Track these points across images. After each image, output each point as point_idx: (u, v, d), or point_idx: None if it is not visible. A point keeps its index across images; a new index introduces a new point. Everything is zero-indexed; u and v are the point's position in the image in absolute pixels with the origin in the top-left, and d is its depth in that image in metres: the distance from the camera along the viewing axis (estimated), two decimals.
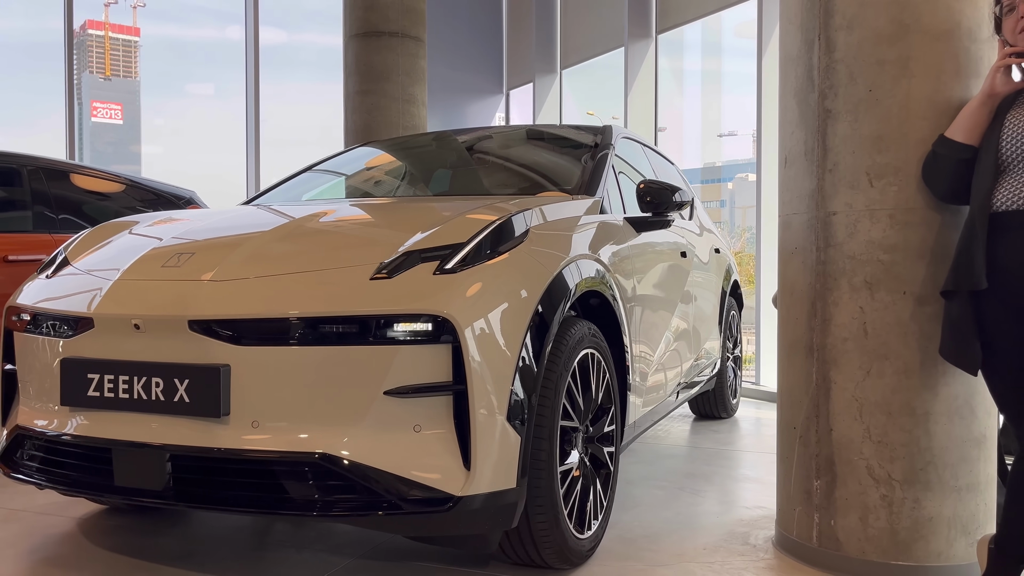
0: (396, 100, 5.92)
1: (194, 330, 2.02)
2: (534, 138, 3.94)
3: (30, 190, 4.50)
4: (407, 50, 5.95)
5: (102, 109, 51.74)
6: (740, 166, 10.26)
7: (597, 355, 2.51)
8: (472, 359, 1.97)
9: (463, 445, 1.98)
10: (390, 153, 4.10)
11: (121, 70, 61.01)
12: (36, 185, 4.55)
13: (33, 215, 4.47)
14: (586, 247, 2.59)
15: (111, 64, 59.79)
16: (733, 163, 10.20)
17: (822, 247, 2.38)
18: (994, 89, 2.06)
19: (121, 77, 60.49)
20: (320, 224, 2.50)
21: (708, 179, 10.37)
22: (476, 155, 3.78)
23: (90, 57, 58.48)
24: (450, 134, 4.04)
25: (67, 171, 4.92)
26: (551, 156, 3.71)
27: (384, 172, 3.98)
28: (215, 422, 1.99)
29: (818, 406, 2.39)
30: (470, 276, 2.08)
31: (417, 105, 6.02)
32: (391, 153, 4.10)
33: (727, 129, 9.87)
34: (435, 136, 4.05)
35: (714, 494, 3.26)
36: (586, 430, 2.48)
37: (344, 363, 1.96)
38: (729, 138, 9.70)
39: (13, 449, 2.35)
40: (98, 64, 58.75)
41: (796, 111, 2.46)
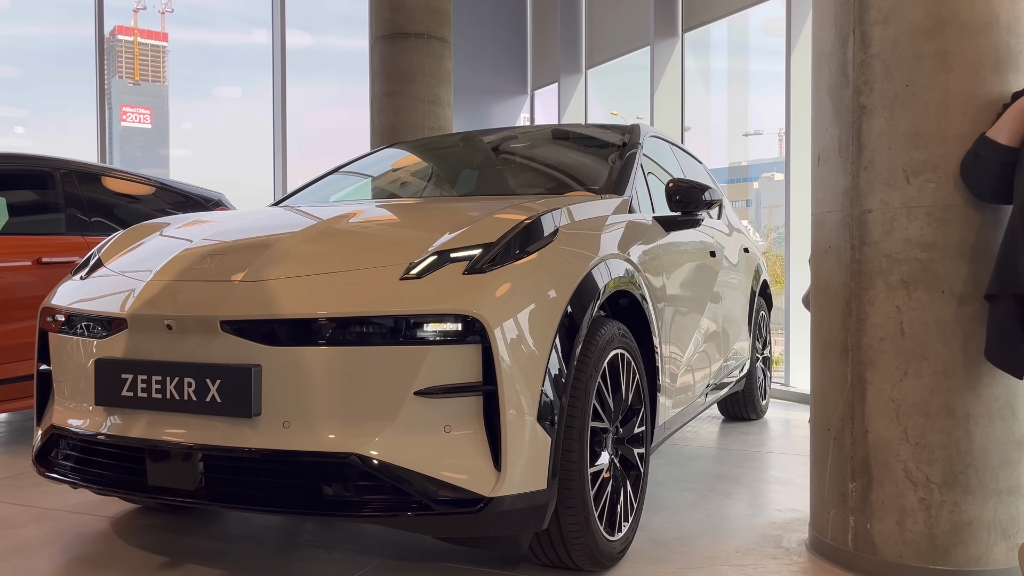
0: (422, 101, 5.92)
1: (226, 330, 2.03)
2: (561, 138, 3.93)
3: (63, 193, 4.56)
4: (432, 51, 5.96)
5: (131, 113, 52.38)
6: (766, 165, 10.16)
7: (627, 355, 2.49)
8: (502, 359, 1.96)
9: (493, 446, 1.97)
10: (416, 154, 4.10)
11: (150, 75, 61.88)
12: (69, 188, 4.61)
13: (66, 217, 4.53)
14: (615, 247, 2.57)
15: (140, 69, 60.64)
16: (759, 162, 10.10)
17: (857, 245, 2.34)
18: None
19: (150, 82, 61.33)
20: (349, 225, 2.50)
21: (734, 179, 10.28)
22: (502, 155, 3.77)
23: (119, 62, 59.34)
24: (476, 134, 4.04)
25: (99, 174, 4.99)
26: (578, 156, 3.69)
27: (410, 173, 3.98)
28: (247, 422, 1.99)
29: (853, 407, 2.35)
30: (500, 276, 2.07)
31: (443, 106, 6.02)
32: (417, 154, 4.10)
33: (753, 128, 9.79)
34: (461, 136, 4.04)
35: (745, 496, 3.22)
36: (616, 431, 2.45)
37: (374, 363, 1.96)
38: (755, 137, 9.61)
39: (48, 449, 2.38)
40: (127, 69, 59.59)
41: (830, 107, 2.42)
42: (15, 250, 4.13)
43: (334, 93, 9.25)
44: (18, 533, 2.72)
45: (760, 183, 10.27)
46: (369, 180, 3.90)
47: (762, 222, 10.33)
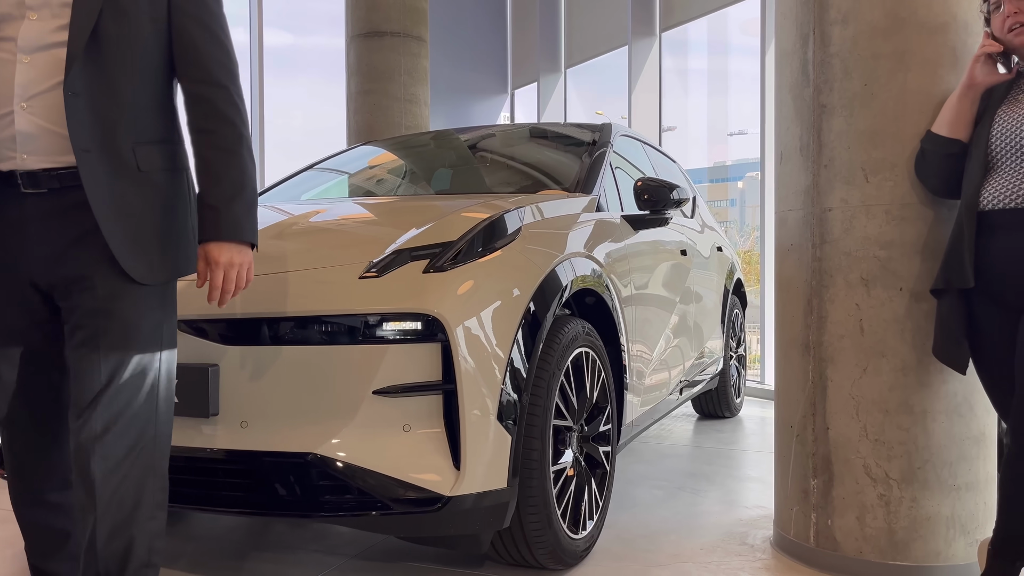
0: (398, 100, 5.91)
1: (182, 329, 2.02)
2: (533, 136, 3.93)
3: None
4: (409, 50, 5.95)
5: None
6: (750, 165, 10.19)
7: (592, 354, 2.49)
8: (462, 358, 1.96)
9: (453, 445, 1.97)
10: (390, 151, 4.09)
11: None
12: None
13: None
14: (581, 245, 2.58)
15: None
16: (743, 162, 10.13)
17: (818, 243, 2.36)
18: (973, 80, 2.04)
19: None
20: (312, 223, 2.49)
21: (717, 178, 10.32)
22: (475, 153, 3.76)
23: None
24: (450, 132, 4.03)
25: None
26: (549, 154, 3.69)
27: (384, 171, 3.97)
28: (204, 422, 1.98)
29: (815, 404, 2.37)
30: (461, 274, 2.07)
31: (419, 105, 6.01)
32: (391, 151, 4.09)
33: (736, 128, 9.82)
34: (435, 135, 4.04)
35: (714, 494, 3.23)
36: (581, 429, 2.46)
37: (333, 362, 1.95)
38: (739, 137, 9.64)
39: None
40: None
41: (791, 106, 2.44)
42: None
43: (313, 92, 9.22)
44: None
45: (744, 183, 10.30)
46: (343, 178, 3.89)
47: (746, 221, 10.36)
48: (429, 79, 6.31)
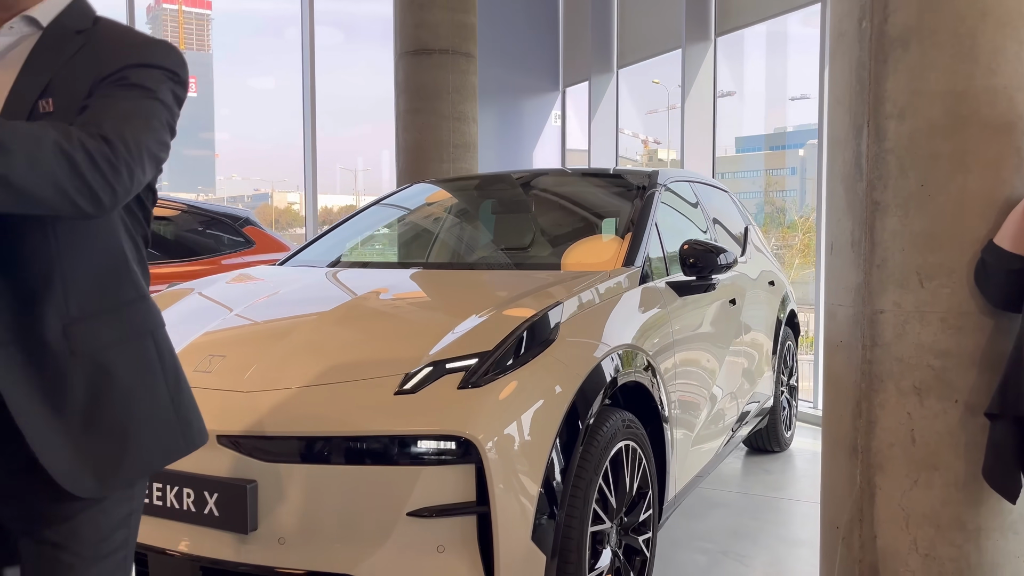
0: (446, 118, 5.87)
1: (223, 444, 2.05)
2: (581, 182, 3.87)
3: None
4: (457, 67, 5.89)
5: None
6: (812, 131, 9.75)
7: (632, 444, 2.46)
8: (495, 482, 1.95)
9: (487, 566, 1.97)
10: (437, 200, 4.08)
11: (195, 43, 62.64)
12: None
13: None
14: (621, 334, 2.53)
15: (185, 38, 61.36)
16: (805, 127, 9.66)
17: (868, 346, 2.26)
18: None
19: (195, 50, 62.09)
20: (356, 314, 2.51)
21: (776, 145, 9.99)
22: (518, 205, 3.73)
23: (165, 31, 60.01)
24: (493, 180, 4.00)
25: None
26: (597, 201, 3.63)
27: (431, 221, 3.97)
28: (243, 537, 2.02)
29: (862, 510, 2.29)
30: (495, 389, 2.05)
31: (467, 122, 5.96)
32: (433, 205, 4.08)
33: (798, 92, 9.39)
34: (481, 180, 4.01)
35: (759, 563, 3.18)
36: (620, 523, 2.43)
37: (367, 483, 1.96)
38: (800, 101, 9.23)
39: None
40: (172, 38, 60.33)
41: (843, 198, 2.33)
42: None
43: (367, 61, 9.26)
44: None
45: (805, 151, 9.86)
46: (392, 230, 3.96)
47: (806, 197, 9.91)
48: (478, 94, 6.26)
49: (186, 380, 1.41)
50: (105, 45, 1.28)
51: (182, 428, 1.38)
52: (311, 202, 9.28)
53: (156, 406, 1.33)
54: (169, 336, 1.40)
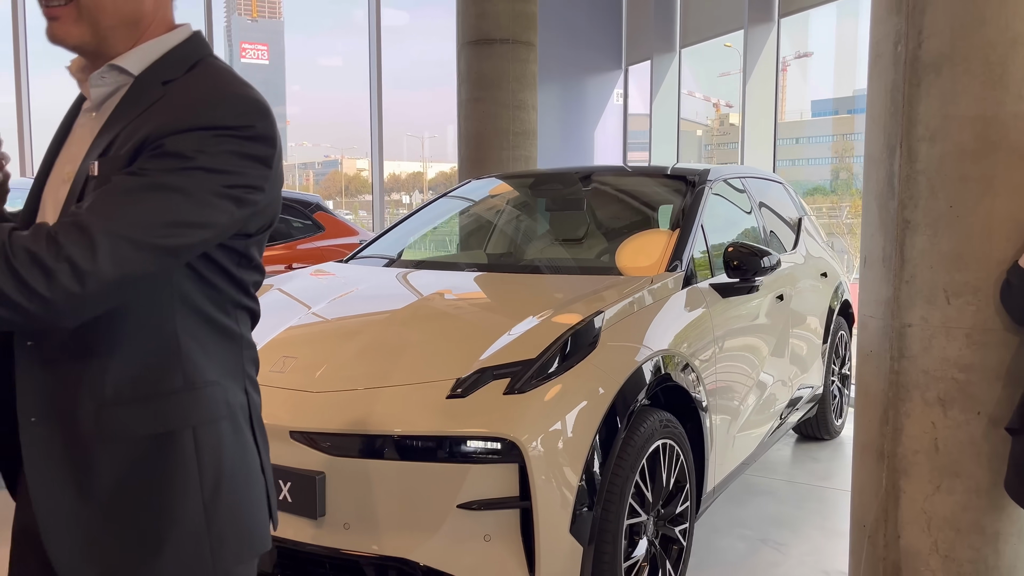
0: (506, 107, 6.02)
1: (295, 439, 2.29)
2: (631, 179, 3.99)
3: None
4: (518, 56, 6.02)
5: (250, 50, 54.09)
6: None
7: (670, 442, 2.62)
8: (537, 479, 2.15)
9: (529, 554, 2.17)
10: (490, 201, 4.27)
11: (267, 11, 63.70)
12: None
13: None
14: (662, 339, 2.68)
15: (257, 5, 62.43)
16: None
17: (896, 357, 2.37)
18: None
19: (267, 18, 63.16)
20: (419, 316, 2.74)
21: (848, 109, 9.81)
22: (570, 203, 3.88)
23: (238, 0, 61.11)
24: (547, 178, 4.16)
25: None
26: (639, 213, 3.76)
27: (491, 214, 4.17)
28: (313, 522, 2.27)
29: (887, 511, 2.42)
30: (538, 395, 2.24)
31: (527, 110, 6.10)
32: (490, 201, 4.27)
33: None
34: (533, 181, 4.18)
35: (796, 551, 3.32)
36: (657, 514, 2.61)
37: (422, 477, 2.19)
38: None
39: None
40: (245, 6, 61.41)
41: (876, 215, 2.43)
42: None
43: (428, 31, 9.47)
44: None
45: None
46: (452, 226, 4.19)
47: None
48: (540, 73, 6.38)
49: (243, 484, 1.23)
50: (176, 101, 1.15)
51: (212, 544, 1.19)
52: (377, 170, 9.57)
53: (184, 512, 1.17)
54: (233, 432, 1.22)
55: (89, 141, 1.19)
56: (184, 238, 1.09)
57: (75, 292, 1.01)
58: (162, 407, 1.17)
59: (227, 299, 1.24)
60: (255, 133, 1.15)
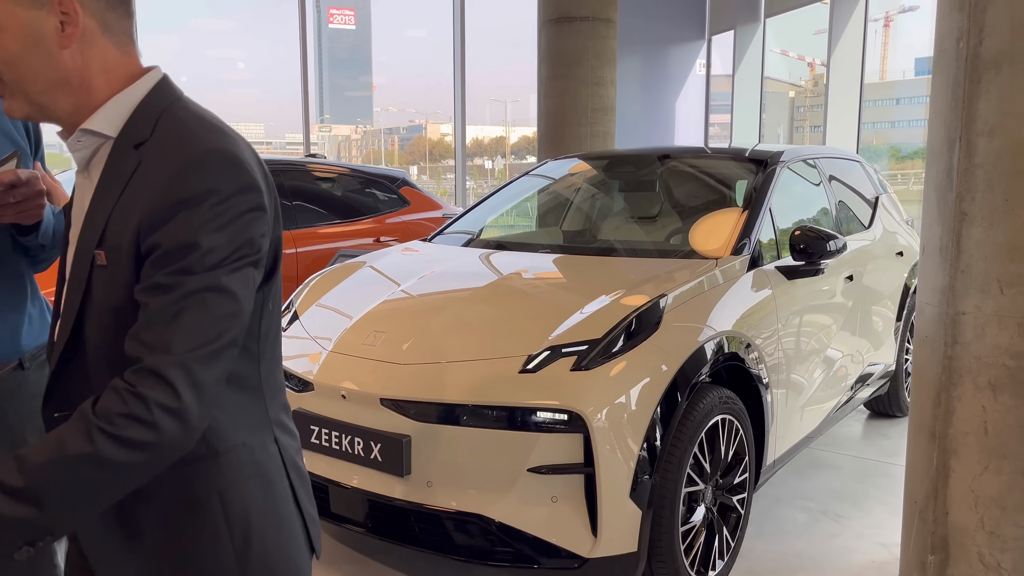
0: (585, 84, 6.14)
1: (384, 405, 2.57)
2: (704, 161, 4.10)
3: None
4: (597, 33, 6.12)
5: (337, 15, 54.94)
6: None
7: (729, 418, 2.79)
8: (600, 448, 2.36)
9: (592, 515, 2.40)
10: (568, 179, 4.45)
11: None
12: (276, 182, 5.36)
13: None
14: (725, 320, 2.84)
15: None
16: None
17: (949, 343, 2.47)
18: None
19: None
20: (498, 294, 2.98)
21: None
22: (643, 185, 4.03)
23: None
24: (621, 160, 4.30)
25: (299, 166, 5.74)
26: (707, 195, 3.88)
27: (569, 192, 4.36)
28: (400, 479, 2.55)
29: (937, 489, 2.54)
30: (602, 372, 2.45)
31: (605, 86, 6.21)
32: (569, 179, 4.45)
33: None
34: (608, 163, 4.34)
35: (856, 524, 3.44)
36: (715, 484, 2.79)
37: (496, 443, 2.43)
38: None
39: None
40: None
41: (935, 206, 2.51)
42: None
43: None
44: None
45: None
46: (531, 205, 4.40)
47: None
48: (620, 46, 6.45)
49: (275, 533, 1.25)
50: (151, 175, 1.11)
51: None
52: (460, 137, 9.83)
53: (216, 566, 1.21)
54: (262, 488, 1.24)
55: (86, 206, 1.17)
56: (235, 325, 1.11)
57: (181, 428, 1.06)
58: (185, 474, 1.18)
59: (248, 356, 1.22)
60: (239, 185, 1.11)
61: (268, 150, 22.51)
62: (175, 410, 1.05)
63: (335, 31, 55.53)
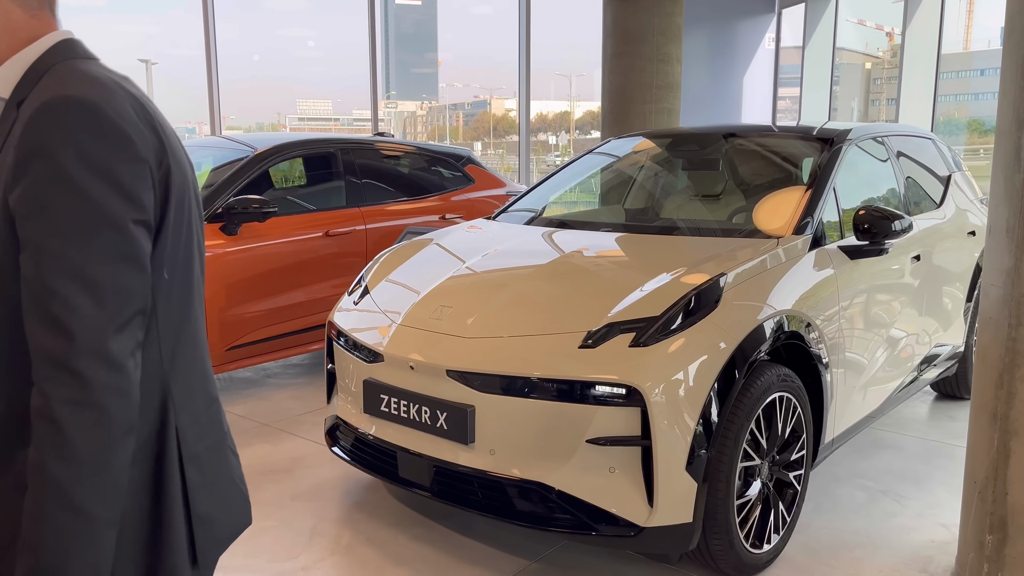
0: (650, 61, 6.13)
1: (451, 376, 2.69)
2: (758, 151, 4.09)
3: (342, 169, 5.51)
4: (663, 9, 6.08)
5: None
6: None
7: (787, 396, 2.83)
8: (657, 422, 2.44)
9: (648, 486, 2.48)
10: (632, 157, 4.49)
11: None
12: (347, 163, 5.53)
13: (345, 191, 5.47)
14: (785, 299, 2.87)
15: None
16: None
17: (1013, 324, 2.46)
18: None
19: None
20: (560, 272, 3.07)
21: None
22: (707, 164, 4.04)
23: None
24: (685, 138, 4.32)
25: (368, 145, 5.89)
26: (771, 174, 3.87)
27: (632, 170, 4.40)
28: (464, 447, 2.67)
29: (997, 470, 2.54)
30: (660, 348, 2.52)
31: (670, 63, 6.18)
32: (633, 157, 4.48)
33: None
34: (672, 141, 4.35)
35: (916, 504, 3.44)
36: (772, 460, 2.84)
37: (556, 415, 2.53)
38: None
39: (333, 431, 3.26)
40: None
41: (1002, 186, 2.49)
42: (312, 225, 5.14)
43: None
44: (317, 473, 3.72)
45: None
46: (594, 182, 4.46)
47: None
48: (686, 22, 6.40)
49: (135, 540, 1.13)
50: (18, 124, 1.05)
51: None
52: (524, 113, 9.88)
53: None
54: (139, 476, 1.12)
55: None
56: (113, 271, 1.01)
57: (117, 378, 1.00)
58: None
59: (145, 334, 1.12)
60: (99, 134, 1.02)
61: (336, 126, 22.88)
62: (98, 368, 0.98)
63: (401, 8, 55.70)
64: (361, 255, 5.19)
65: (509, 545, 3.04)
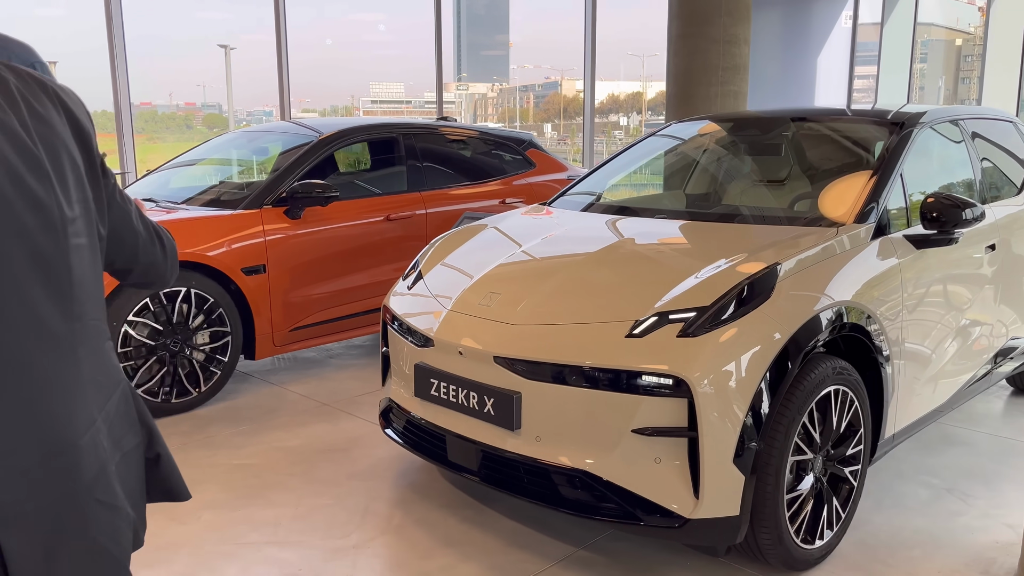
0: (716, 42, 5.98)
1: (498, 362, 2.71)
2: (831, 134, 3.96)
3: (404, 154, 5.57)
4: None
5: None
6: None
7: (843, 389, 2.75)
8: (704, 413, 2.40)
9: (694, 478, 2.45)
10: (694, 140, 4.40)
11: None
12: (408, 148, 5.59)
13: (407, 175, 5.53)
14: (843, 289, 2.78)
15: None
16: None
17: None
18: None
19: None
20: (610, 260, 3.05)
21: None
22: (771, 149, 3.94)
23: None
24: (749, 122, 4.21)
25: (431, 129, 5.93)
26: (836, 161, 3.74)
27: (694, 154, 4.33)
28: (510, 433, 2.69)
29: None
30: (710, 339, 2.48)
31: (738, 44, 6.01)
32: (695, 141, 4.40)
33: None
34: (736, 123, 4.25)
35: (982, 503, 3.31)
36: (826, 454, 2.77)
37: (602, 403, 2.52)
38: None
39: (386, 413, 3.32)
40: None
41: None
42: (373, 209, 5.22)
43: None
44: (373, 453, 3.80)
45: None
46: (656, 168, 4.41)
47: None
48: (757, 10, 6.22)
49: None
50: None
51: None
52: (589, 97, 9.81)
53: None
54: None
55: None
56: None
57: None
58: None
59: None
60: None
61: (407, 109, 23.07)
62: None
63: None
64: (421, 239, 5.24)
65: (557, 531, 3.05)
